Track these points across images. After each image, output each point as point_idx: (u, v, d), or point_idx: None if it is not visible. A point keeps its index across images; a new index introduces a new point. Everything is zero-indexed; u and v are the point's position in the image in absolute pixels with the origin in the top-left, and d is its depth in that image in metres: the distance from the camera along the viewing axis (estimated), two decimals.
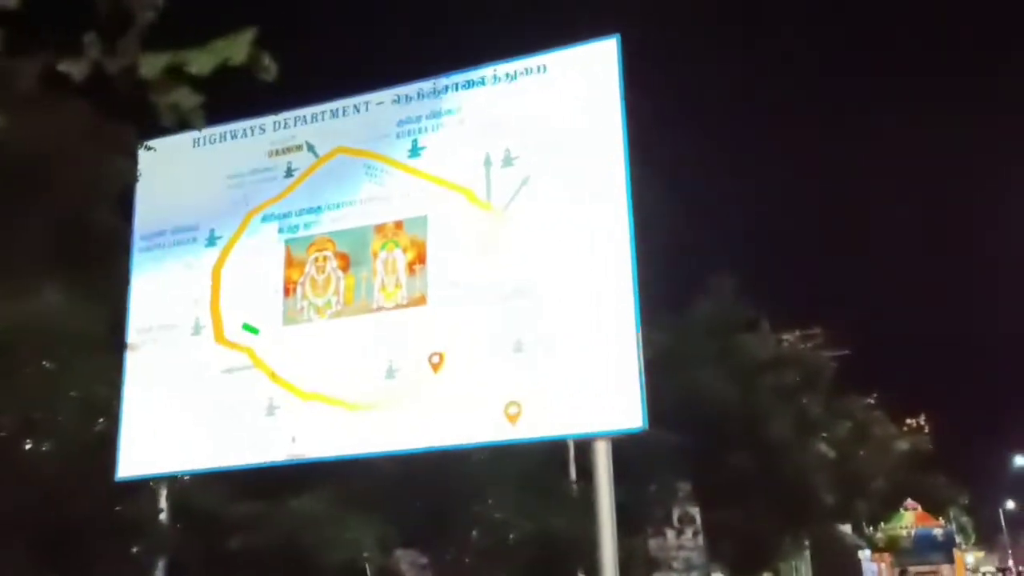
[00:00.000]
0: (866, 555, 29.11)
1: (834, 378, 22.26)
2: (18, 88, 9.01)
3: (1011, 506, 51.59)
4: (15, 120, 8.97)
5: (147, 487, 9.47)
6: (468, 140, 8.94)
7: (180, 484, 9.69)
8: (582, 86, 8.76)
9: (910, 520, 30.91)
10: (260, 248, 9.46)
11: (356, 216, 9.18)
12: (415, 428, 8.52)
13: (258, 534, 9.11)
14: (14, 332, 9.00)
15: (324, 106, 9.57)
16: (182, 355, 9.47)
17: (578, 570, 12.57)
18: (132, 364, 9.64)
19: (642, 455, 14.85)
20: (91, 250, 9.61)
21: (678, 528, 17.89)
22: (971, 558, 44.54)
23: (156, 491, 9.47)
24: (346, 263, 9.14)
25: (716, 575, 20.68)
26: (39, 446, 9.27)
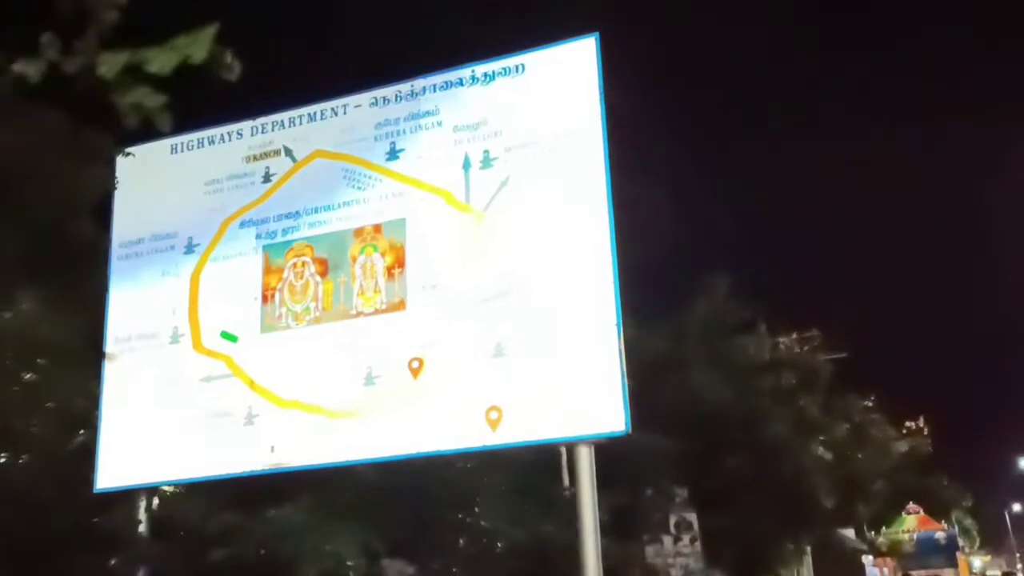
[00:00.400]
0: (869, 560, 28.89)
1: (832, 380, 22.11)
2: None
3: (1017, 508, 51.32)
4: None
5: (126, 498, 9.31)
6: (446, 142, 8.81)
7: (159, 495, 9.54)
8: (561, 86, 8.64)
9: (912, 524, 30.66)
10: (238, 255, 9.34)
11: (334, 220, 9.06)
12: (395, 435, 8.37)
13: (237, 545, 8.96)
14: None
15: (302, 110, 9.46)
16: (161, 364, 9.34)
17: None
18: (110, 374, 9.50)
19: (637, 460, 14.73)
20: (68, 259, 9.50)
21: (675, 534, 17.71)
22: (978, 562, 44.25)
23: (135, 502, 9.31)
24: (325, 268, 9.01)
25: None
26: (15, 458, 9.13)
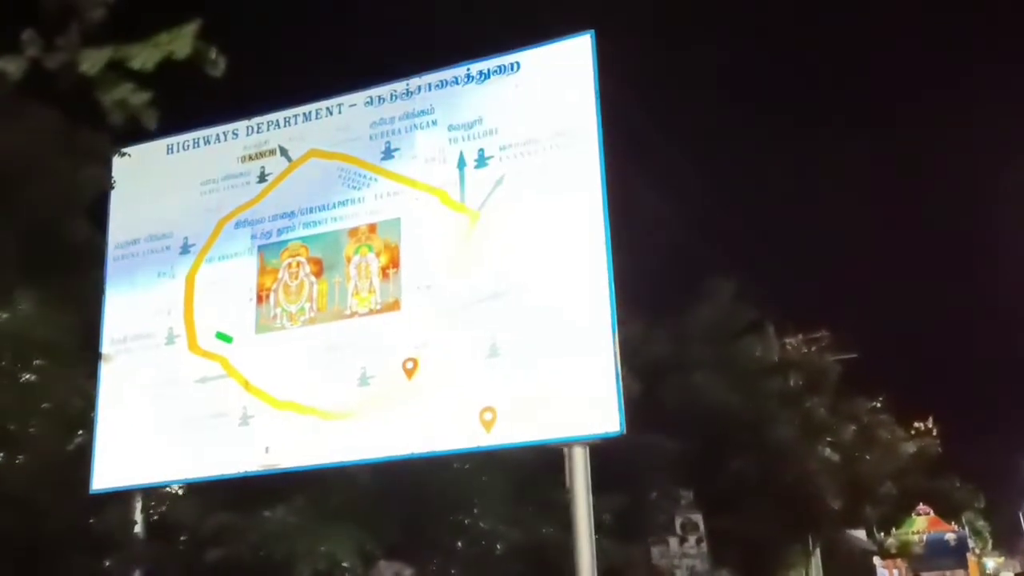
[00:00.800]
0: (878, 561, 28.67)
1: (839, 381, 21.93)
2: None
3: None
4: None
5: (122, 499, 9.30)
6: (441, 141, 8.76)
7: (155, 496, 9.52)
8: (556, 84, 8.57)
9: (922, 525, 30.42)
10: (233, 255, 9.31)
11: (329, 220, 9.02)
12: (390, 436, 8.32)
13: (232, 546, 8.92)
14: None
15: (297, 109, 9.43)
16: (156, 365, 9.33)
17: None
18: (106, 375, 9.50)
19: (640, 461, 14.64)
20: (64, 259, 9.50)
21: (681, 535, 17.60)
22: (992, 563, 43.88)
23: (131, 503, 9.29)
24: (319, 268, 8.97)
25: None
26: (12, 459, 9.12)
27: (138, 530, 9.24)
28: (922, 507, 30.69)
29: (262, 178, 9.38)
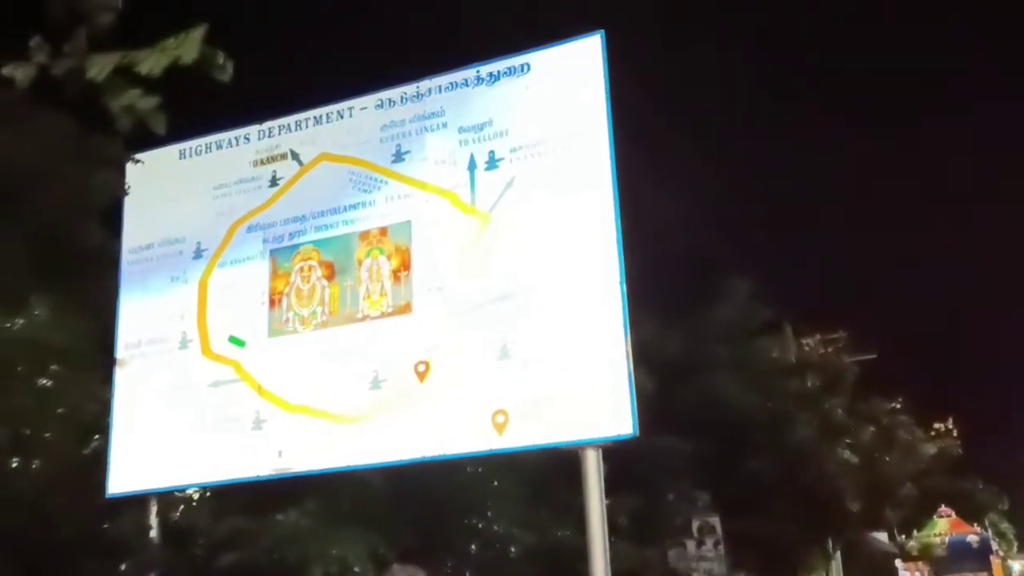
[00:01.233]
0: (900, 564, 28.37)
1: (858, 382, 21.73)
2: (1, 104, 8.98)
3: None
4: None
5: (137, 503, 9.33)
6: (452, 143, 8.74)
7: (170, 500, 9.55)
8: (566, 84, 8.54)
9: (944, 527, 30.05)
10: (246, 259, 9.33)
11: (340, 224, 9.02)
12: (402, 439, 8.30)
13: (245, 550, 8.94)
14: (1, 348, 8.94)
15: (308, 113, 9.44)
16: (170, 369, 9.35)
17: None
18: (121, 379, 9.54)
19: (655, 463, 14.56)
20: (78, 265, 9.55)
21: (698, 538, 17.48)
22: (1017, 566, 43.27)
23: (146, 507, 9.33)
24: (331, 272, 8.98)
25: None
26: (28, 464, 9.17)
27: (153, 534, 9.27)
28: (944, 509, 30.32)
29: (274, 182, 9.40)
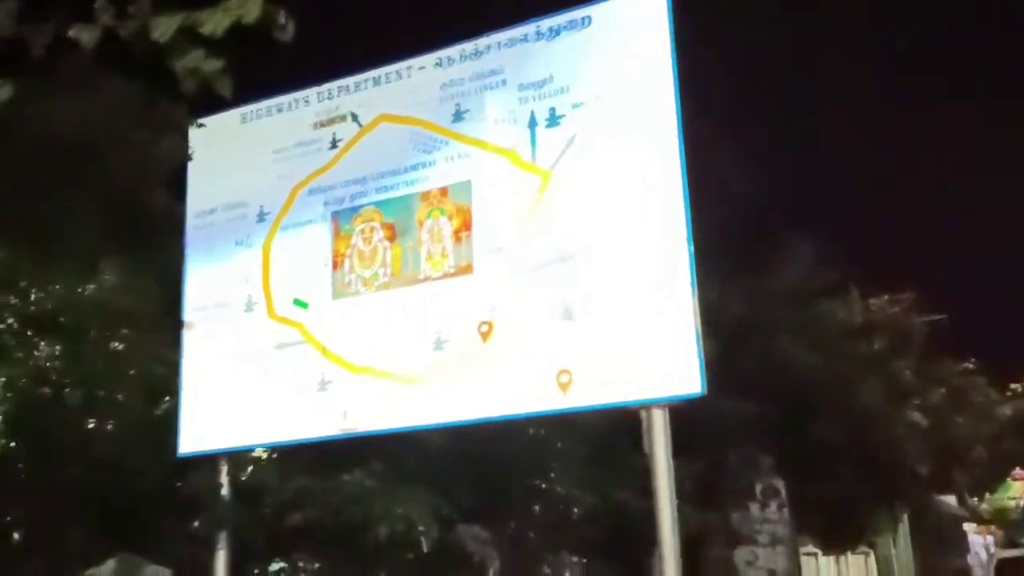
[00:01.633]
0: (971, 527, 27.77)
1: (927, 343, 21.13)
2: (71, 70, 9.10)
3: None
4: (68, 103, 9.09)
5: (207, 463, 9.52)
6: (511, 101, 8.61)
7: (238, 460, 9.72)
8: (629, 38, 8.32)
9: (1018, 490, 29.27)
10: (308, 222, 9.37)
11: (401, 185, 8.98)
12: (465, 400, 8.31)
13: (312, 509, 9.07)
14: (74, 312, 9.15)
15: (367, 74, 9.38)
16: (236, 332, 9.48)
17: (652, 546, 12.21)
18: (189, 342, 9.70)
19: (718, 426, 14.38)
20: (145, 230, 9.69)
21: (761, 501, 17.32)
22: None
23: (216, 467, 9.51)
24: (392, 233, 8.96)
25: (806, 549, 20.01)
26: (103, 425, 9.40)
27: (224, 493, 9.45)
28: (1019, 472, 29.47)
29: (334, 144, 9.39)
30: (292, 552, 10.79)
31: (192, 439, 9.46)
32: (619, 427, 11.68)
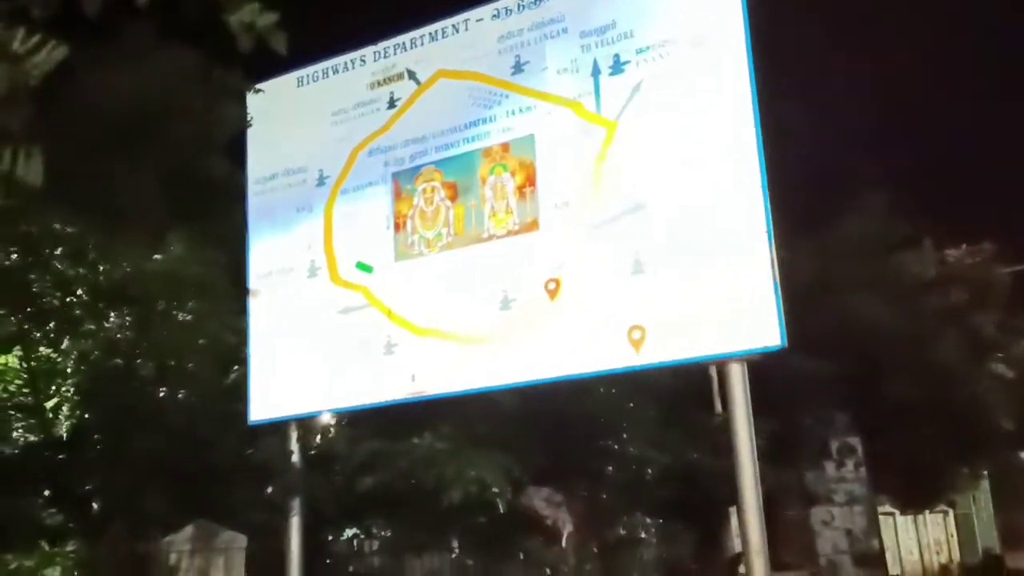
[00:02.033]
0: None
1: (1010, 295, 20.27)
2: (130, 40, 9.03)
3: None
4: (128, 73, 9.04)
5: (277, 430, 9.53)
6: (573, 49, 8.30)
7: (308, 426, 9.71)
8: None
9: None
10: (368, 184, 9.22)
11: (461, 142, 8.77)
12: (534, 359, 8.11)
13: (383, 473, 9.01)
14: (143, 283, 9.18)
15: (423, 29, 9.15)
16: (301, 298, 9.41)
17: (726, 506, 11.97)
18: (255, 310, 9.67)
19: (792, 384, 13.99)
20: (208, 198, 9.65)
21: (837, 459, 16.89)
22: None
23: (286, 434, 9.51)
24: (454, 192, 8.76)
25: (883, 508, 19.52)
26: (174, 393, 9.46)
27: (295, 459, 9.46)
28: None
29: (391, 104, 9.20)
30: (365, 518, 10.81)
31: (261, 407, 9.46)
32: (689, 385, 11.42)
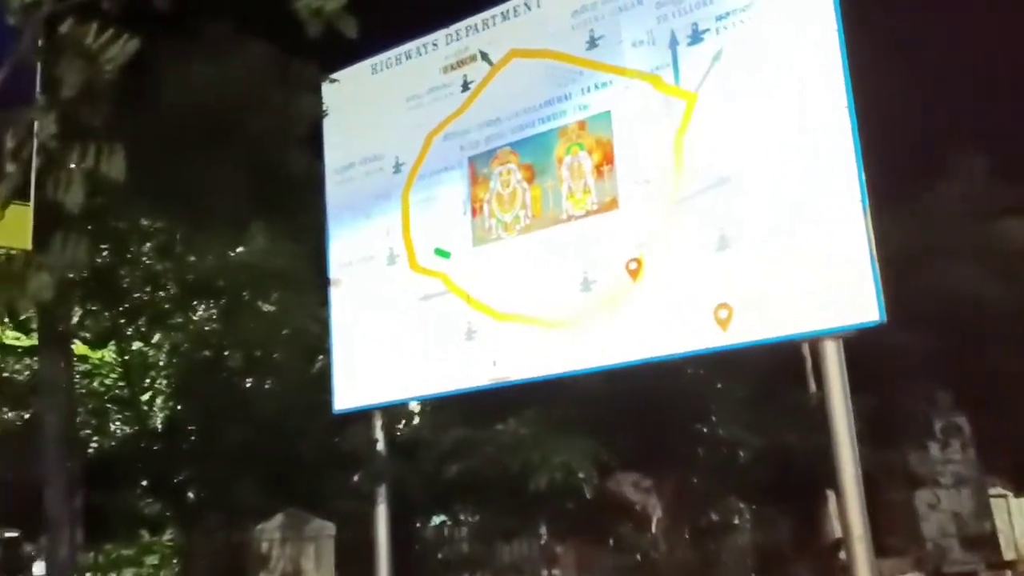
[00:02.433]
0: None
1: None
2: (209, 36, 9.14)
3: None
4: (208, 68, 9.16)
5: (362, 418, 9.57)
6: (649, 20, 8.02)
7: (393, 414, 9.73)
8: None
9: None
10: (444, 169, 9.14)
11: (536, 123, 8.60)
12: (618, 342, 7.91)
13: (469, 460, 8.96)
14: (228, 276, 9.33)
15: (495, 9, 9.01)
16: (381, 286, 9.40)
17: (823, 488, 11.53)
18: (337, 299, 9.70)
19: (891, 361, 13.38)
20: (288, 190, 9.72)
21: (942, 440, 16.13)
22: None
23: (371, 422, 9.55)
24: (531, 174, 8.59)
25: (995, 490, 18.62)
26: (261, 383, 9.60)
27: (380, 447, 9.48)
28: None
29: (465, 87, 9.08)
30: (452, 505, 10.80)
31: (346, 395, 9.50)
32: (781, 363, 11.00)
